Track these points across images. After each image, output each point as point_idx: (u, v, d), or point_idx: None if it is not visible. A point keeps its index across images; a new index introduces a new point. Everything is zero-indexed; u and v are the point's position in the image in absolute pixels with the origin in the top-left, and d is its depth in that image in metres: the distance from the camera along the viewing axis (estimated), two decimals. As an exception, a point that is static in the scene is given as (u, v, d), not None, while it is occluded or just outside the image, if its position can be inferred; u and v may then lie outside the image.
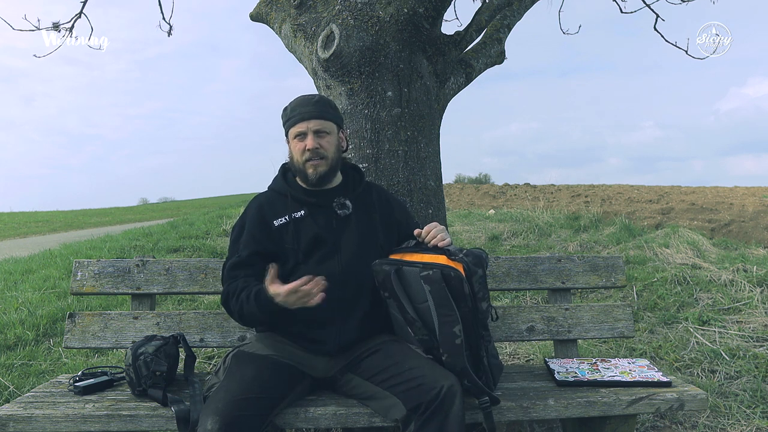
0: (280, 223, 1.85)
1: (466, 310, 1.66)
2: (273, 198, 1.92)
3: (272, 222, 1.85)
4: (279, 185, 1.95)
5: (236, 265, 1.83)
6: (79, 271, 2.20)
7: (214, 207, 14.87)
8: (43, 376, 2.99)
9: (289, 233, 1.83)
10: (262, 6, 3.01)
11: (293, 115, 1.87)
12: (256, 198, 1.96)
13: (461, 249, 1.74)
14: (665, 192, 14.67)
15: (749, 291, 3.94)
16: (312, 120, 1.85)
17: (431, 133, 2.60)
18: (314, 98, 1.90)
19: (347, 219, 1.88)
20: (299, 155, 1.86)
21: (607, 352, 3.26)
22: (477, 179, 28.67)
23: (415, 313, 1.70)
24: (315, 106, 1.87)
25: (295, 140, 1.87)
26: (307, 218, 1.86)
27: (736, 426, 2.40)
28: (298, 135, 1.86)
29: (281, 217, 1.86)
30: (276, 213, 1.87)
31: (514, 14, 3.09)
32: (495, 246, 6.17)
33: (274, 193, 1.94)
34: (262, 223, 1.86)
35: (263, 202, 1.92)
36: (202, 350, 3.23)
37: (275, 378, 1.69)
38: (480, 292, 1.69)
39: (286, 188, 1.91)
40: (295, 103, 1.90)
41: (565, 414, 1.74)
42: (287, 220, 1.85)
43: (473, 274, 1.68)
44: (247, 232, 1.87)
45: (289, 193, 1.90)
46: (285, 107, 1.93)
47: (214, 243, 6.25)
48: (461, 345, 1.64)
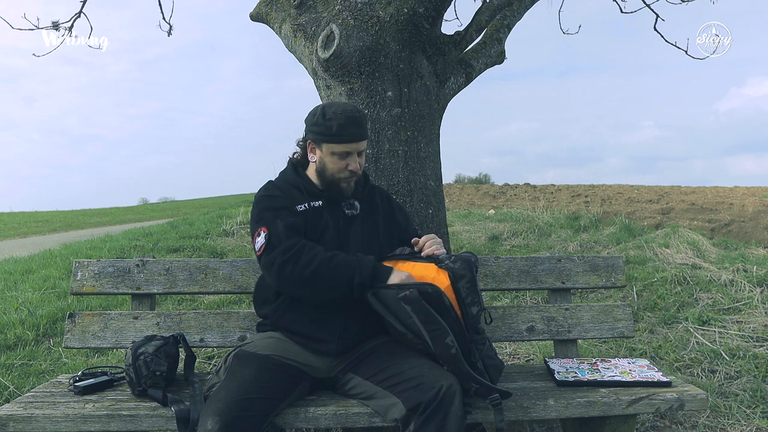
0: (302, 209, 1.86)
1: (452, 320, 1.67)
2: (287, 187, 1.92)
3: (294, 206, 1.86)
4: (292, 178, 1.94)
5: (294, 228, 1.78)
6: (79, 271, 2.20)
7: (214, 207, 14.87)
8: (43, 376, 2.99)
9: (309, 220, 1.85)
10: (262, 6, 3.01)
11: (340, 134, 1.80)
12: (272, 182, 1.96)
13: (451, 255, 1.76)
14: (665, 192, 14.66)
15: (749, 291, 3.94)
16: (357, 143, 1.83)
17: (431, 133, 2.60)
18: (359, 117, 1.84)
19: (353, 218, 1.90)
20: (337, 171, 1.85)
21: (607, 352, 3.26)
22: (477, 179, 28.67)
23: (405, 328, 1.71)
24: (359, 127, 1.82)
25: (335, 157, 1.83)
26: (323, 209, 1.88)
27: (736, 426, 2.40)
28: (341, 153, 1.83)
29: (301, 204, 1.86)
30: (295, 199, 1.87)
31: (514, 14, 3.09)
32: (495, 246, 6.17)
33: (287, 183, 1.93)
34: (289, 200, 1.86)
35: (281, 187, 1.92)
36: (202, 350, 3.23)
37: (276, 378, 1.69)
38: (468, 297, 1.69)
39: (300, 182, 1.92)
40: (342, 121, 1.80)
41: (565, 414, 1.74)
42: (307, 208, 1.86)
43: (460, 279, 1.68)
44: (282, 201, 1.85)
45: (303, 186, 1.90)
46: (322, 115, 1.82)
47: (214, 243, 6.25)
48: (457, 353, 1.65)
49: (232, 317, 2.17)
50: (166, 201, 31.91)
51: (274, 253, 1.73)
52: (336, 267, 1.71)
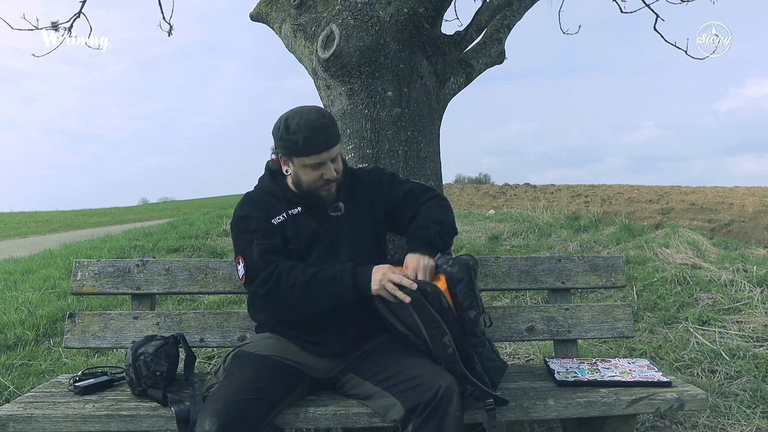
0: (279, 221, 1.83)
1: (451, 322, 1.66)
2: (264, 198, 1.89)
3: (270, 220, 1.83)
4: (269, 186, 1.90)
5: (269, 250, 1.76)
6: (79, 271, 2.20)
7: (214, 207, 14.87)
8: (43, 376, 2.99)
9: (289, 230, 1.82)
10: (262, 6, 3.01)
11: (305, 146, 1.72)
12: (249, 195, 1.92)
13: (449, 258, 1.74)
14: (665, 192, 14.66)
15: (749, 291, 3.94)
16: (327, 151, 1.76)
17: (431, 133, 2.60)
18: (321, 123, 1.74)
19: (339, 219, 1.87)
20: (313, 182, 1.80)
21: (607, 352, 3.26)
22: (477, 179, 28.65)
23: (406, 328, 1.71)
24: (327, 135, 1.74)
25: (307, 169, 1.78)
26: (303, 215, 1.85)
27: (736, 426, 2.40)
28: (313, 165, 1.77)
29: (278, 216, 1.84)
30: (272, 212, 1.85)
31: (514, 14, 3.09)
32: (495, 246, 6.17)
33: (264, 193, 1.90)
34: (264, 216, 1.83)
35: (257, 200, 1.88)
36: (202, 350, 3.23)
37: (275, 379, 1.69)
38: (466, 301, 1.69)
39: (278, 189, 1.88)
40: (306, 133, 1.71)
41: (565, 414, 1.74)
42: (285, 218, 1.84)
43: (457, 283, 1.68)
44: (257, 220, 1.82)
45: (281, 194, 1.87)
46: (286, 130, 1.74)
47: (214, 243, 6.25)
48: (454, 353, 1.66)
49: (232, 317, 2.17)
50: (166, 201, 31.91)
51: (254, 286, 1.75)
52: (317, 287, 1.70)
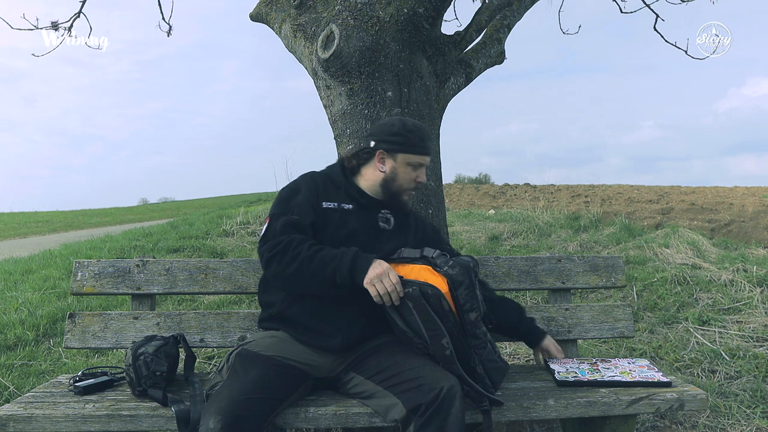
0: (328, 206, 1.87)
1: (451, 324, 1.67)
2: (327, 181, 1.94)
3: (322, 201, 1.87)
4: (337, 174, 1.96)
5: (292, 225, 1.79)
6: (79, 271, 2.20)
7: (214, 207, 14.87)
8: (43, 376, 2.99)
9: (334, 219, 1.86)
10: (262, 6, 3.01)
11: (420, 145, 1.90)
12: (312, 173, 1.97)
13: (448, 260, 1.73)
14: (665, 192, 14.67)
15: (749, 291, 3.94)
16: (429, 156, 1.95)
17: (431, 133, 2.60)
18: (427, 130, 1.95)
19: (384, 232, 1.92)
20: (407, 182, 1.92)
21: (607, 352, 3.26)
22: (477, 179, 28.63)
23: (406, 325, 1.71)
24: (431, 142, 1.96)
25: (408, 167, 1.90)
26: (353, 213, 1.89)
27: (736, 426, 2.40)
28: (414, 164, 1.91)
29: (331, 202, 1.88)
30: (327, 195, 1.89)
31: (514, 14, 3.09)
32: (495, 246, 6.17)
33: (329, 178, 1.95)
34: (315, 196, 1.87)
35: (318, 181, 1.93)
36: (202, 350, 3.23)
37: (279, 379, 1.69)
38: (467, 304, 1.68)
39: (343, 181, 1.94)
40: (422, 134, 1.93)
41: (565, 414, 1.74)
42: (336, 206, 1.88)
43: (458, 286, 1.67)
44: (303, 197, 1.86)
45: (344, 186, 1.92)
46: (403, 126, 1.91)
47: (214, 243, 6.25)
48: (452, 355, 1.67)
49: (232, 317, 2.17)
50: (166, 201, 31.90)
51: (264, 248, 1.78)
52: (317, 262, 1.71)
